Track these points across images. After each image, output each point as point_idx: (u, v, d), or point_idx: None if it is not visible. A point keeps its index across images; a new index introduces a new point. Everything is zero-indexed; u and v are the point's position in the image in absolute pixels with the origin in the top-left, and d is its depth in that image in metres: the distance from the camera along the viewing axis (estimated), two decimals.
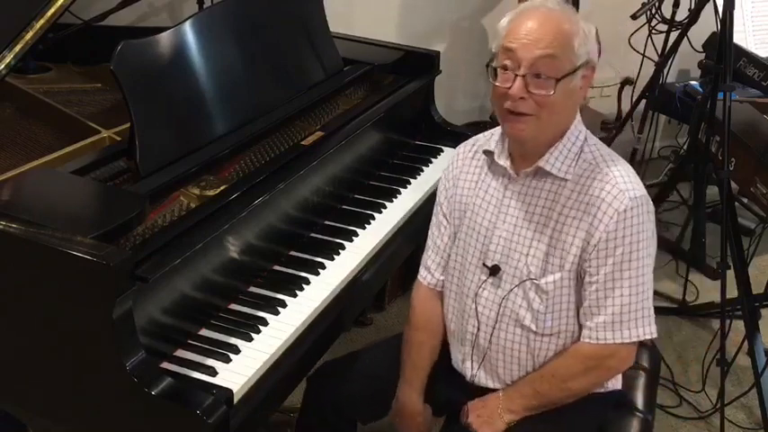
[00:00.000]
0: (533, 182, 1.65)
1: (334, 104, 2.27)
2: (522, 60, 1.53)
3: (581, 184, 1.61)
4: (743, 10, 3.42)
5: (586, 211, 1.58)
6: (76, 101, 2.16)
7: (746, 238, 2.72)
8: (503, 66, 1.56)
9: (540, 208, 1.64)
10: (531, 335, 1.67)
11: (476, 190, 1.73)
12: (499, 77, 1.56)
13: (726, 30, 2.47)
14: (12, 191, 1.65)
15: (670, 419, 2.61)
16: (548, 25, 1.53)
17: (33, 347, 1.53)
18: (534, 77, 1.52)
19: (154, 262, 1.52)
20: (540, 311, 1.64)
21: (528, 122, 1.56)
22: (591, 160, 1.62)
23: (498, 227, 1.67)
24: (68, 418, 1.56)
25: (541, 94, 1.53)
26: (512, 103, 1.55)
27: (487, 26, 3.86)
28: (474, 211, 1.72)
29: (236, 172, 1.88)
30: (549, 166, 1.61)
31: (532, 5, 1.58)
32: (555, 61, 1.52)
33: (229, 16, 2.02)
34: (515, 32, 1.54)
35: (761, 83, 3.30)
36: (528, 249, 1.64)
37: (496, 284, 1.68)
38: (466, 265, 1.73)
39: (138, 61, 1.75)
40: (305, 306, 1.77)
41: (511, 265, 1.66)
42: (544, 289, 1.63)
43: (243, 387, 1.54)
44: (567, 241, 1.60)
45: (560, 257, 1.61)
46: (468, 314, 1.72)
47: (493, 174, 1.71)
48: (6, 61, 1.84)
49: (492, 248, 1.68)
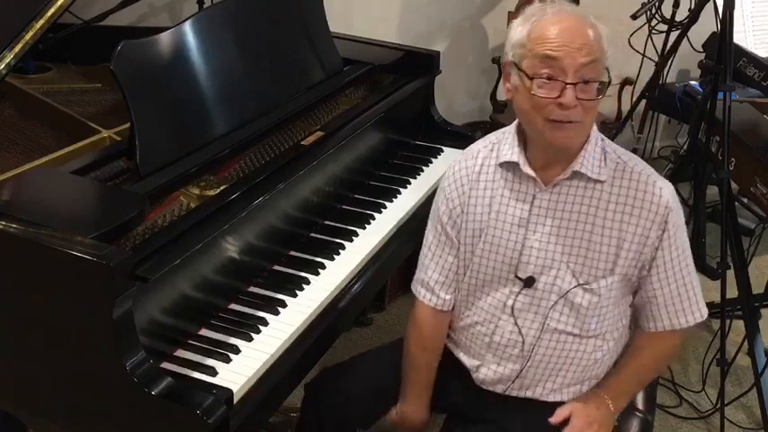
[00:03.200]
0: (563, 188, 1.62)
1: (334, 104, 2.27)
2: (568, 68, 1.48)
3: (617, 185, 1.60)
4: (743, 10, 3.42)
5: (633, 213, 1.59)
6: (76, 101, 2.16)
7: (746, 238, 2.72)
8: (543, 75, 1.50)
9: (577, 214, 1.61)
10: (573, 338, 1.67)
11: (491, 208, 1.67)
12: (541, 88, 1.50)
13: (726, 30, 2.47)
14: (12, 191, 1.65)
15: (670, 419, 2.61)
16: (584, 30, 1.50)
17: (33, 347, 1.53)
18: (581, 84, 1.49)
19: (154, 262, 1.52)
20: (588, 315, 1.64)
21: (575, 129, 1.54)
22: (616, 159, 1.62)
23: (529, 238, 1.64)
24: (68, 417, 1.56)
25: (590, 99, 1.51)
26: (564, 113, 1.50)
27: (487, 26, 3.86)
28: (494, 227, 1.67)
29: (237, 172, 1.88)
30: (586, 168, 1.59)
31: (556, 11, 1.54)
32: (598, 65, 1.51)
33: (229, 16, 2.02)
34: (551, 40, 1.49)
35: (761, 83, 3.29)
36: (569, 257, 1.62)
37: (531, 295, 1.66)
38: (489, 279, 1.69)
39: (138, 61, 1.75)
40: (305, 306, 1.77)
41: (549, 275, 1.64)
42: (596, 292, 1.62)
43: (243, 387, 1.54)
44: (619, 245, 1.60)
45: (611, 261, 1.61)
46: (498, 326, 1.69)
47: (514, 185, 1.66)
48: (6, 61, 1.83)
49: (524, 260, 1.64)
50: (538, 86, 1.51)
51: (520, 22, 1.56)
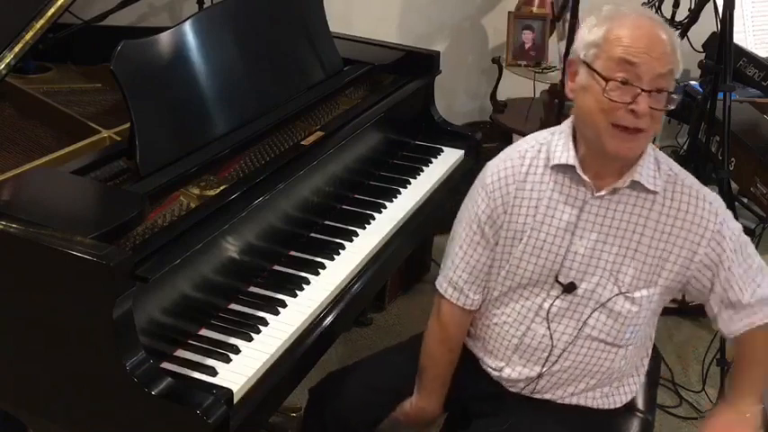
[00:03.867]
0: (616, 196, 1.60)
1: (334, 104, 2.27)
2: (645, 75, 1.46)
3: (670, 198, 1.60)
4: (743, 10, 3.42)
5: (683, 227, 1.59)
6: (76, 101, 2.16)
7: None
8: (619, 78, 1.47)
9: (627, 223, 1.60)
10: (605, 346, 1.66)
11: (537, 210, 1.64)
12: (614, 91, 1.47)
13: (726, 30, 2.47)
14: (12, 191, 1.65)
15: (670, 419, 2.61)
16: (664, 38, 1.48)
17: (33, 347, 1.53)
18: (655, 92, 1.48)
19: (154, 262, 1.52)
20: (624, 324, 1.64)
21: (640, 139, 1.52)
22: (668, 171, 1.61)
23: (575, 243, 1.62)
24: (68, 418, 1.56)
25: (661, 109, 1.49)
26: (634, 120, 1.48)
27: (487, 26, 3.87)
28: (539, 231, 1.64)
29: (237, 172, 1.88)
30: (644, 179, 1.58)
31: (637, 14, 1.52)
32: (672, 75, 1.50)
33: (229, 16, 2.02)
34: (631, 43, 1.47)
35: (761, 83, 3.29)
36: (613, 265, 1.61)
37: (569, 300, 1.65)
38: (526, 282, 1.67)
39: (138, 61, 1.75)
40: (305, 306, 1.77)
41: (591, 281, 1.63)
42: (637, 302, 1.62)
43: (243, 387, 1.54)
44: (664, 257, 1.60)
45: (654, 273, 1.61)
46: (530, 328, 1.68)
47: (563, 188, 1.63)
48: (6, 61, 1.83)
49: (567, 265, 1.63)
50: (611, 89, 1.48)
51: (595, 21, 1.53)
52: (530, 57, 3.55)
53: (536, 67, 3.53)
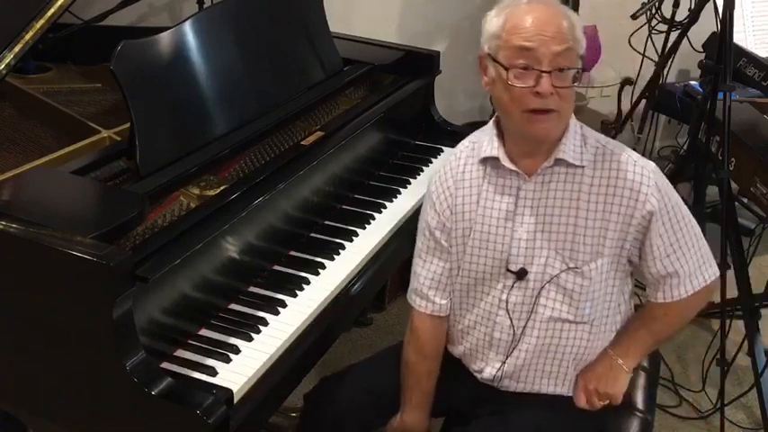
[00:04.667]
0: (547, 176, 1.63)
1: (334, 104, 2.27)
2: (543, 57, 1.50)
3: (599, 169, 1.61)
4: (743, 10, 3.42)
5: (616, 194, 1.60)
6: (76, 101, 2.16)
7: (746, 238, 2.72)
8: (519, 65, 1.52)
9: (561, 200, 1.63)
10: (569, 326, 1.67)
11: (478, 204, 1.68)
12: (518, 78, 1.52)
13: (726, 30, 2.47)
14: (12, 191, 1.65)
15: (670, 419, 2.61)
16: (557, 19, 1.52)
17: (33, 347, 1.53)
18: (556, 72, 1.51)
19: (154, 262, 1.52)
20: (580, 300, 1.65)
21: (553, 119, 1.55)
22: (596, 144, 1.63)
23: (517, 230, 1.65)
24: (68, 418, 1.56)
25: (567, 87, 1.52)
26: (542, 101, 1.52)
27: None
28: (482, 224, 1.68)
29: (237, 172, 1.88)
30: (568, 155, 1.60)
31: (529, 1, 1.55)
32: (572, 53, 1.53)
33: (229, 16, 2.02)
34: (525, 29, 1.51)
35: (761, 83, 3.30)
36: (556, 244, 1.63)
37: (524, 286, 1.66)
38: (481, 277, 1.70)
39: (138, 61, 1.75)
40: (305, 306, 1.77)
41: (538, 264, 1.65)
42: (586, 275, 1.63)
43: (243, 387, 1.54)
44: (603, 227, 1.61)
45: (598, 244, 1.62)
46: (497, 322, 1.70)
47: (498, 180, 1.67)
48: (6, 61, 1.83)
49: (514, 253, 1.65)
50: (514, 77, 1.52)
51: (494, 13, 1.57)
52: None
53: None
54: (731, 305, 2.58)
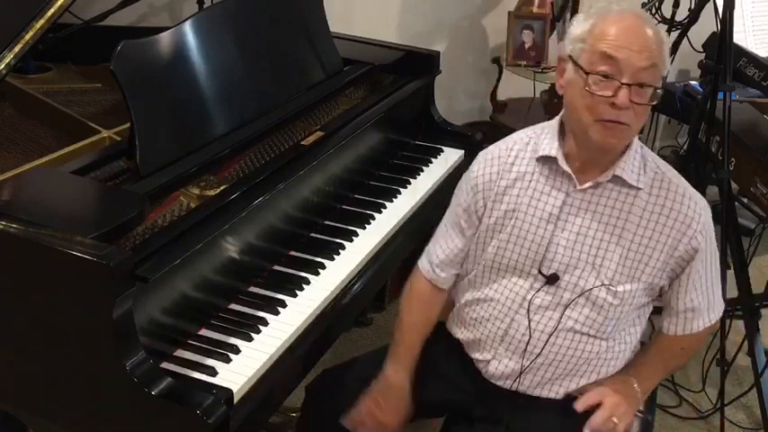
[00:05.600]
0: (599, 189, 1.62)
1: (334, 104, 2.27)
2: (626, 69, 1.48)
3: (655, 195, 1.61)
4: (743, 10, 3.42)
5: (666, 224, 1.60)
6: (76, 101, 2.16)
7: (746, 238, 2.72)
8: (601, 73, 1.49)
9: (608, 217, 1.61)
10: (587, 339, 1.67)
11: (525, 197, 1.67)
12: (596, 85, 1.50)
13: (726, 30, 2.47)
14: (12, 191, 1.65)
15: (670, 419, 2.61)
16: (648, 33, 1.50)
17: (33, 347, 1.53)
18: (636, 87, 1.49)
19: (154, 262, 1.52)
20: (607, 318, 1.64)
21: (623, 132, 1.54)
22: (656, 169, 1.63)
23: (557, 235, 1.64)
24: (68, 418, 1.56)
25: (643, 103, 1.51)
26: (617, 113, 1.50)
27: (487, 26, 3.86)
28: (523, 218, 1.67)
29: (237, 172, 1.88)
30: (626, 174, 1.59)
31: (621, 10, 1.53)
32: (656, 71, 1.51)
33: (229, 16, 2.02)
34: (614, 38, 1.49)
35: (761, 83, 3.29)
36: (595, 258, 1.62)
37: (553, 292, 1.65)
38: (510, 271, 1.69)
39: (138, 61, 1.75)
40: (305, 306, 1.77)
41: (573, 274, 1.64)
42: (618, 296, 1.63)
43: (243, 387, 1.54)
44: (647, 253, 1.61)
45: (637, 268, 1.62)
46: (514, 320, 1.69)
47: (547, 179, 1.66)
48: (6, 61, 1.83)
49: (550, 257, 1.64)
50: (593, 83, 1.50)
51: (583, 17, 1.55)
52: (530, 57, 3.55)
53: (536, 67, 3.53)
54: (731, 305, 2.58)
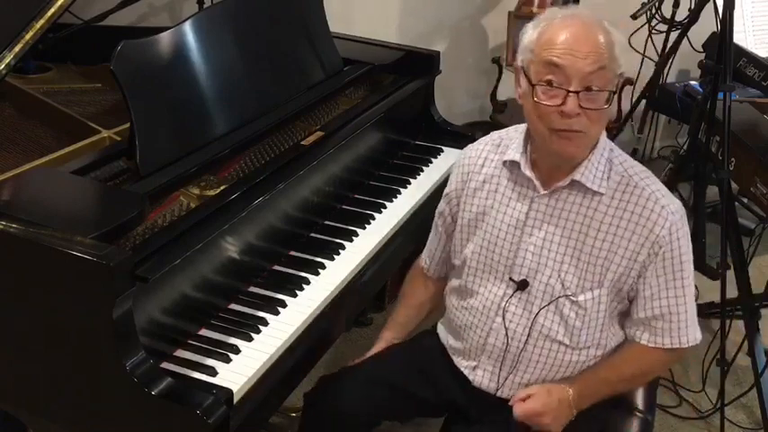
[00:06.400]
0: (562, 195, 1.60)
1: (334, 104, 2.27)
2: (572, 76, 1.45)
3: (617, 199, 1.58)
4: (743, 10, 3.42)
5: (628, 228, 1.57)
6: (76, 101, 2.16)
7: (746, 238, 2.72)
8: (547, 82, 1.47)
9: (572, 223, 1.60)
10: (565, 348, 1.66)
11: (494, 200, 1.67)
12: (544, 95, 1.48)
13: (726, 30, 2.47)
14: (12, 191, 1.65)
15: (670, 419, 2.61)
16: (592, 37, 1.47)
17: (33, 347, 1.53)
18: (585, 92, 1.46)
19: (154, 262, 1.52)
20: (576, 327, 1.63)
21: (579, 140, 1.51)
22: (622, 173, 1.59)
23: (525, 240, 1.63)
24: (68, 418, 1.56)
25: (596, 108, 1.48)
26: (566, 122, 1.47)
27: (487, 26, 3.86)
28: (493, 223, 1.67)
29: (237, 172, 1.88)
30: (585, 179, 1.57)
31: (565, 15, 1.51)
32: (606, 73, 1.48)
33: (229, 16, 2.02)
34: (557, 46, 1.46)
35: (761, 83, 3.30)
36: (560, 265, 1.61)
37: (524, 299, 1.65)
38: (486, 276, 1.69)
39: (138, 61, 1.75)
40: (305, 306, 1.77)
41: (541, 281, 1.63)
42: (582, 305, 1.61)
43: (243, 387, 1.54)
44: (609, 258, 1.59)
45: (600, 273, 1.60)
46: (492, 328, 1.69)
47: (514, 185, 1.65)
48: (6, 61, 1.83)
49: (518, 262, 1.64)
50: (542, 93, 1.48)
51: (532, 25, 1.53)
52: None
53: None
54: (731, 305, 2.58)
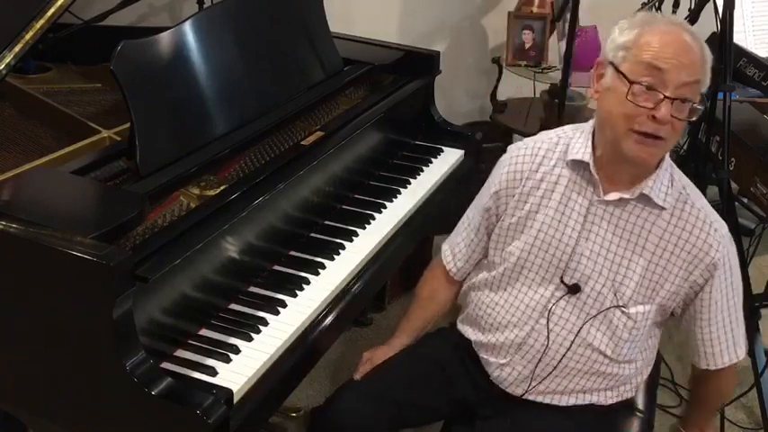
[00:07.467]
0: (623, 206, 1.59)
1: (334, 104, 2.27)
2: (670, 82, 1.45)
3: (677, 216, 1.58)
4: (743, 10, 3.42)
5: (685, 248, 1.58)
6: (76, 101, 2.16)
7: (746, 238, 2.72)
8: (645, 84, 1.46)
9: (630, 234, 1.59)
10: (604, 359, 1.65)
11: (551, 199, 1.65)
12: (640, 96, 1.46)
13: (726, 30, 2.47)
14: (12, 191, 1.65)
15: (670, 419, 2.60)
16: (695, 49, 1.48)
17: (33, 347, 1.53)
18: (678, 101, 1.46)
19: (154, 262, 1.52)
20: (622, 339, 1.63)
21: (659, 147, 1.51)
22: (681, 190, 1.60)
23: (581, 244, 1.62)
24: (68, 418, 1.56)
25: (682, 119, 1.48)
26: (655, 127, 1.47)
27: (487, 26, 3.86)
28: (549, 222, 1.65)
29: (237, 172, 1.88)
30: (654, 194, 1.57)
31: (670, 23, 1.51)
32: (698, 87, 1.49)
33: (229, 16, 2.02)
34: (660, 49, 1.46)
35: (761, 83, 3.29)
36: (615, 275, 1.60)
37: (573, 303, 1.64)
38: (531, 276, 1.68)
39: (138, 61, 1.75)
40: (305, 306, 1.77)
41: (594, 288, 1.62)
42: (632, 318, 1.61)
43: (243, 387, 1.54)
44: (663, 275, 1.59)
45: (653, 289, 1.60)
46: (534, 329, 1.68)
47: (575, 185, 1.63)
48: (6, 61, 1.83)
49: (572, 266, 1.63)
50: (635, 93, 1.47)
51: (628, 24, 1.52)
52: (530, 57, 3.55)
53: (536, 67, 3.53)
54: None
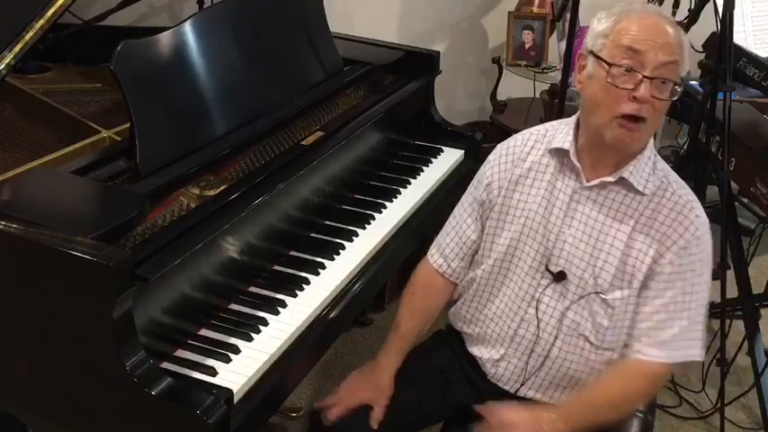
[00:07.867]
0: (605, 190, 1.61)
1: (334, 104, 2.27)
2: (648, 63, 1.49)
3: (655, 202, 1.60)
4: (743, 10, 3.42)
5: (660, 230, 1.59)
6: (76, 101, 2.16)
7: (746, 238, 2.72)
8: (623, 65, 1.50)
9: (611, 219, 1.61)
10: (590, 346, 1.66)
11: (538, 188, 1.67)
12: (619, 78, 1.50)
13: (726, 30, 2.47)
14: (12, 191, 1.65)
15: (670, 419, 2.61)
16: (671, 31, 1.51)
17: (33, 347, 1.53)
18: (657, 80, 1.49)
19: (154, 262, 1.52)
20: (602, 325, 1.63)
21: (642, 129, 1.53)
22: (662, 178, 1.62)
23: (564, 231, 1.64)
24: (68, 418, 1.56)
25: (663, 99, 1.51)
26: (637, 107, 1.50)
27: (487, 26, 3.86)
28: (536, 206, 1.67)
29: (237, 172, 1.88)
30: (633, 178, 1.59)
31: (644, 9, 1.55)
32: (676, 67, 1.51)
33: (229, 16, 2.02)
34: (636, 32, 1.50)
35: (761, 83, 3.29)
36: (596, 261, 1.62)
37: (559, 291, 1.65)
38: (521, 265, 1.69)
39: (138, 61, 1.75)
40: (305, 306, 1.77)
41: (575, 274, 1.63)
42: (611, 304, 1.61)
43: (243, 387, 1.54)
44: (639, 258, 1.60)
45: (630, 273, 1.61)
46: (524, 319, 1.69)
47: (558, 173, 1.66)
48: (6, 61, 1.83)
49: (556, 253, 1.64)
50: (615, 75, 1.50)
51: (606, 15, 1.57)
52: (530, 57, 3.55)
53: (536, 67, 3.53)
54: (731, 305, 2.58)
